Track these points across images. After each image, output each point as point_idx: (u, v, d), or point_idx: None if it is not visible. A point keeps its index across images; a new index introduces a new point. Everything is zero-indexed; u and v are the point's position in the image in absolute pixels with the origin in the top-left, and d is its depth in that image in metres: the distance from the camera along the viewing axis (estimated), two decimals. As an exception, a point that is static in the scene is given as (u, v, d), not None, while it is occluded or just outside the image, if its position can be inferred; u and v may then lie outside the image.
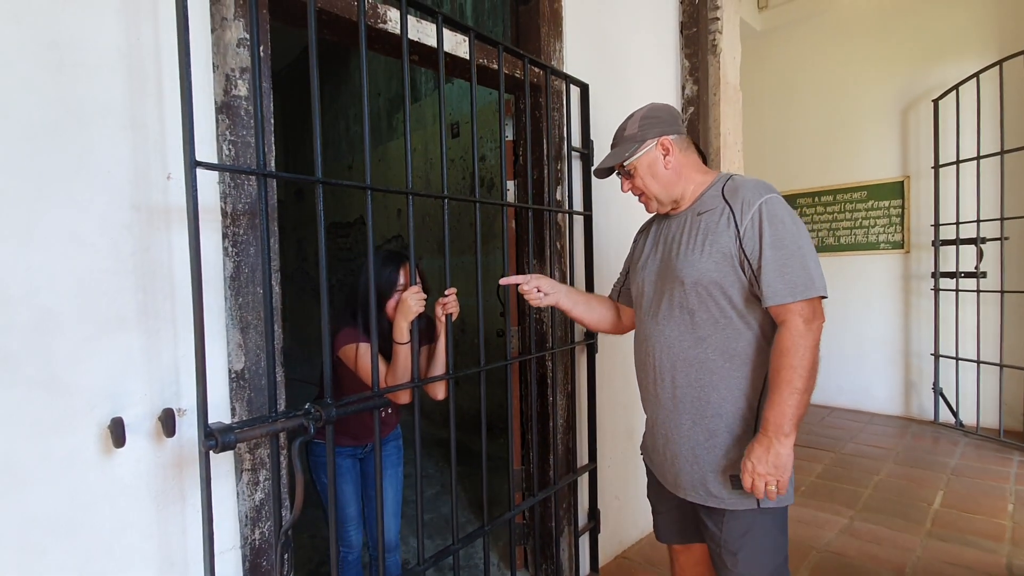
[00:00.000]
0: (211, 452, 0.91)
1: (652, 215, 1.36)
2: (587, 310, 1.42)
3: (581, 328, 1.96)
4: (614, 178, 1.31)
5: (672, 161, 1.19)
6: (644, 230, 1.37)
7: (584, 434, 1.97)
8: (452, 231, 3.65)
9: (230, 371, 1.11)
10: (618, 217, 2.08)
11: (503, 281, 1.37)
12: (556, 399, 1.84)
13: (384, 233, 4.59)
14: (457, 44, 1.58)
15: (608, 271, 2.04)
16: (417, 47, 1.49)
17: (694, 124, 2.50)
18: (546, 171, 1.77)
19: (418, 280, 1.55)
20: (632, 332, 1.37)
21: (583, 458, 1.98)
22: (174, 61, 1.04)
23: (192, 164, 0.90)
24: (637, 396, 1.34)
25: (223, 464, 1.09)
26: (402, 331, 1.37)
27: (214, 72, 1.10)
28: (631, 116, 1.23)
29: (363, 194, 1.19)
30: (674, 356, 1.16)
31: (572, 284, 1.86)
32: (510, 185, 1.99)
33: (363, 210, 4.74)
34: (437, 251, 4.12)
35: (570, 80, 1.82)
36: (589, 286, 1.95)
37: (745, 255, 1.07)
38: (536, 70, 1.80)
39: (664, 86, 2.43)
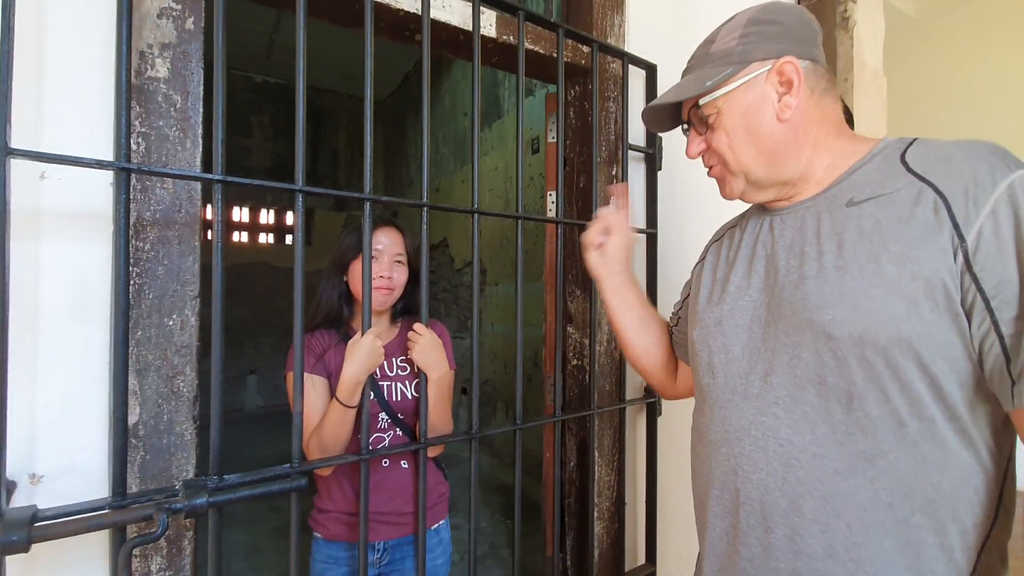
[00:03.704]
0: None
1: (731, 221, 0.85)
2: (642, 330, 0.94)
3: (638, 381, 1.50)
4: (695, 181, 0.85)
5: (793, 106, 0.66)
6: (715, 243, 0.84)
7: (640, 524, 1.49)
8: (526, 254, 3.31)
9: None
10: (695, 236, 1.59)
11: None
12: (595, 474, 1.38)
13: (464, 256, 4.41)
14: (475, 19, 1.26)
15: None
16: (419, 22, 1.19)
17: (814, 119, 1.93)
18: (594, 177, 1.37)
19: (399, 256, 1.22)
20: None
21: (637, 556, 1.49)
22: (60, 39, 0.84)
23: (4, 152, 0.66)
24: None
25: (92, 546, 0.83)
26: (348, 387, 1.01)
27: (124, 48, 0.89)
28: (729, 20, 0.72)
29: (447, 217, 1.00)
30: (797, 484, 0.61)
31: (626, 323, 1.41)
32: (553, 196, 1.61)
33: (447, 232, 4.61)
34: (514, 275, 3.82)
35: (629, 59, 1.41)
36: (652, 326, 1.48)
37: (982, 294, 0.53)
38: (584, 48, 1.42)
39: (771, 71, 1.89)
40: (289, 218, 6.40)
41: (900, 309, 0.55)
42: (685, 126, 0.77)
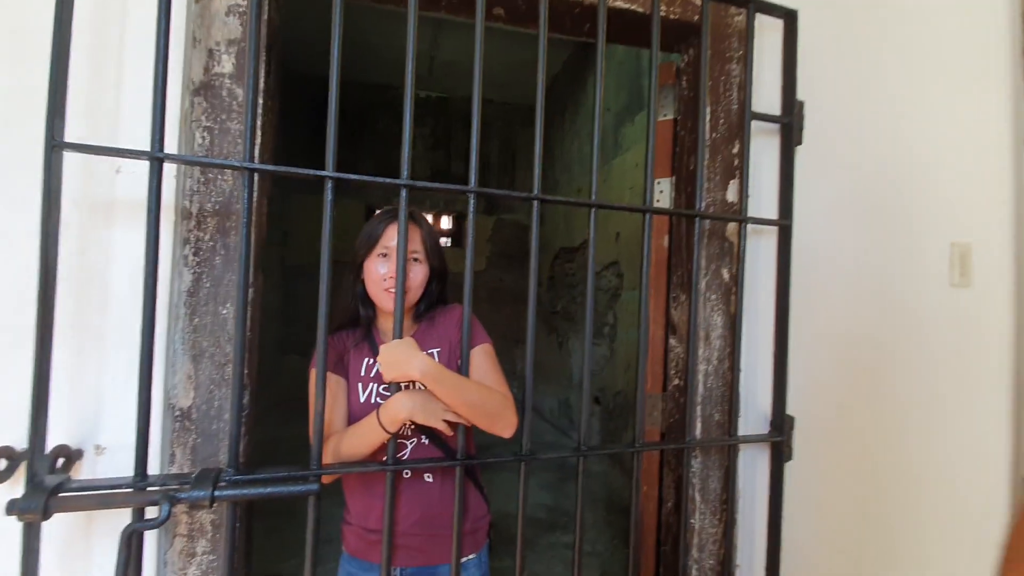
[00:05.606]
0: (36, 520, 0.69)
1: None
2: None
3: (762, 411, 1.18)
4: (853, 156, 0.58)
5: None
6: None
7: (758, 593, 1.17)
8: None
9: (172, 408, 0.90)
10: (852, 232, 1.21)
11: None
12: (691, 522, 1.12)
13: (602, 259, 4.18)
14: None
15: (827, 324, 1.19)
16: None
17: (1063, 65, 1.37)
18: (699, 156, 1.11)
19: (414, 253, 1.02)
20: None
21: (754, 634, 1.18)
22: (141, 38, 0.90)
23: (50, 145, 0.70)
24: (890, 544, 0.57)
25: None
26: (394, 416, 0.88)
27: (194, 47, 0.93)
28: None
29: (587, 217, 1.10)
30: None
31: (739, 345, 1.11)
32: (664, 184, 1.37)
33: (587, 234, 4.44)
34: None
35: (757, 7, 1.12)
36: (781, 355, 1.15)
37: None
38: (696, 1, 1.17)
39: (973, 16, 1.39)
40: (445, 222, 6.82)
41: None
42: None
